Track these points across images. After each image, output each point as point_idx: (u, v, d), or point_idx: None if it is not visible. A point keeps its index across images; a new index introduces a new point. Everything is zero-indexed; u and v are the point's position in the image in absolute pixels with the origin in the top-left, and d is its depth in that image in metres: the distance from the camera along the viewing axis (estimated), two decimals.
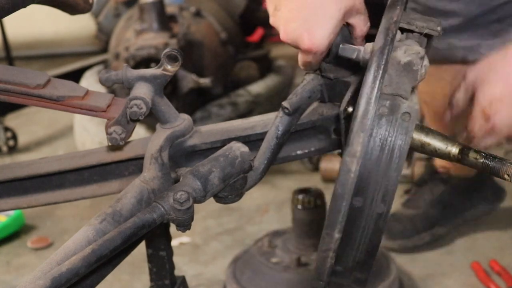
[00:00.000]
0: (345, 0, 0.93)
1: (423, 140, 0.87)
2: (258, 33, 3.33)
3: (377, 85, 0.77)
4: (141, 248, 1.04)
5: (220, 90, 2.82)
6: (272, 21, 0.97)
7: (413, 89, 0.82)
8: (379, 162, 0.78)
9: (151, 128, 2.50)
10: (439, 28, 0.92)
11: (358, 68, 0.96)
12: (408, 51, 0.84)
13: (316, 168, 2.60)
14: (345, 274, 0.85)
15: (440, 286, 1.91)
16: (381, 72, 0.77)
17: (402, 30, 0.90)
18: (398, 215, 2.12)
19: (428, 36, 0.91)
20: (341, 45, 0.89)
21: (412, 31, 0.90)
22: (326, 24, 0.92)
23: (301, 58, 0.97)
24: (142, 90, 0.95)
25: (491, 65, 1.02)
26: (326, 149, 1.03)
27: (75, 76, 3.02)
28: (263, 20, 2.88)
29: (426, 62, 0.85)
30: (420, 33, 0.90)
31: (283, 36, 0.94)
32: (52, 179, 1.06)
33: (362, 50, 0.88)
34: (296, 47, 0.95)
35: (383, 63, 0.78)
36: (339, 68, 0.98)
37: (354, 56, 0.88)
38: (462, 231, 2.15)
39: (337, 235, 0.78)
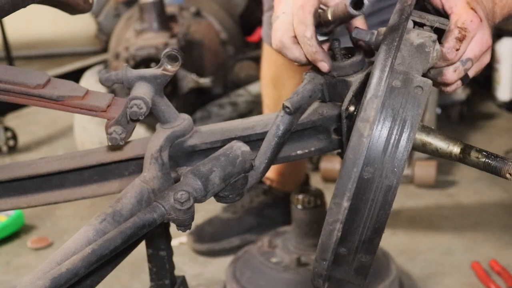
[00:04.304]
0: None
1: (424, 140, 0.87)
2: (258, 33, 3.32)
3: (391, 55, 0.77)
4: (141, 248, 1.03)
5: (220, 90, 2.82)
6: None
7: (426, 75, 0.82)
8: (391, 132, 0.77)
9: (151, 128, 2.50)
10: (448, 23, 0.93)
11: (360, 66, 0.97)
12: (421, 34, 0.86)
13: (316, 168, 2.60)
14: (348, 258, 0.81)
15: (440, 286, 1.90)
16: (395, 44, 0.78)
17: (414, 23, 0.92)
18: (212, 219, 2.16)
19: (438, 31, 0.91)
20: (355, 28, 0.91)
21: (423, 25, 0.92)
22: None
23: None
24: (142, 90, 0.95)
25: None
26: (326, 149, 1.03)
27: (75, 76, 3.01)
28: None
29: (437, 46, 0.87)
30: (431, 27, 0.92)
31: None
32: (52, 179, 1.06)
33: (376, 33, 0.89)
34: None
35: (397, 38, 0.79)
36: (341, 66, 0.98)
37: (367, 38, 0.89)
38: (462, 231, 2.15)
39: (346, 204, 0.76)
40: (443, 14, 0.97)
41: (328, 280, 0.87)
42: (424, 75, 0.83)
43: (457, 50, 0.92)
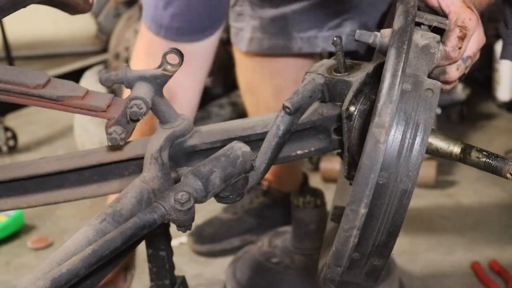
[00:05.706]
0: None
1: None
2: None
3: (402, 59, 0.77)
4: (141, 248, 1.03)
5: (220, 90, 2.82)
6: None
7: (428, 75, 0.82)
8: (404, 136, 0.77)
9: None
10: (447, 22, 0.93)
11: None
12: (425, 35, 0.86)
13: (316, 168, 2.60)
14: (360, 262, 0.81)
15: (440, 286, 1.90)
16: (405, 47, 0.78)
17: None
18: (212, 219, 2.15)
19: (436, 29, 0.91)
20: (357, 31, 0.90)
21: (421, 24, 0.92)
22: None
23: None
24: (142, 90, 0.95)
25: None
26: (326, 149, 1.03)
27: (75, 76, 3.01)
28: None
29: (441, 46, 0.88)
30: (429, 26, 0.92)
31: None
32: (52, 179, 1.06)
33: (379, 35, 0.89)
34: None
35: (407, 41, 0.78)
36: None
37: (370, 41, 0.89)
38: (462, 231, 2.15)
39: (363, 210, 0.75)
40: (439, 12, 0.97)
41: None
42: (427, 76, 0.83)
43: (460, 48, 0.92)
